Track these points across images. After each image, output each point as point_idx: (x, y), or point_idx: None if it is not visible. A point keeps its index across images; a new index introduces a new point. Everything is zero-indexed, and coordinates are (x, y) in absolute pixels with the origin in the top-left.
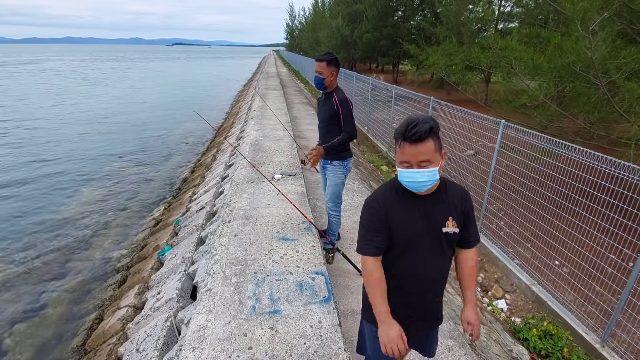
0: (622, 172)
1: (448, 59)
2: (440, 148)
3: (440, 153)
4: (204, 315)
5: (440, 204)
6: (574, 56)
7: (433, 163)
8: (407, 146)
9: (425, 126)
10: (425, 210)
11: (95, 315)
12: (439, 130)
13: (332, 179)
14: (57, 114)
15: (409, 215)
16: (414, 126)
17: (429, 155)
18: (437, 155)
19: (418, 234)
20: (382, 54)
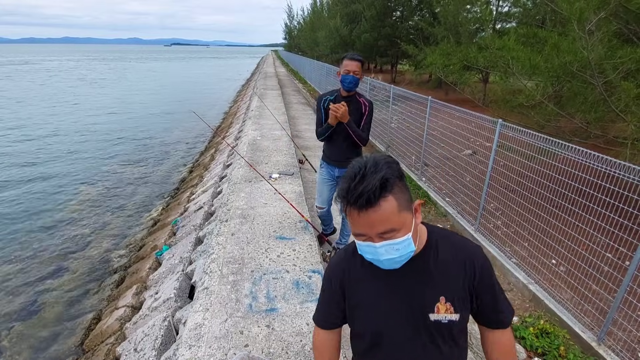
0: (618, 171)
1: (446, 58)
2: (407, 201)
3: (411, 208)
4: (200, 313)
5: (426, 277)
6: (571, 56)
7: (401, 230)
8: (355, 213)
9: (374, 180)
10: (400, 287)
11: (93, 315)
12: (401, 176)
13: None
14: (52, 115)
15: (374, 294)
16: (358, 182)
17: (391, 223)
18: (404, 217)
19: (390, 325)
20: (380, 54)
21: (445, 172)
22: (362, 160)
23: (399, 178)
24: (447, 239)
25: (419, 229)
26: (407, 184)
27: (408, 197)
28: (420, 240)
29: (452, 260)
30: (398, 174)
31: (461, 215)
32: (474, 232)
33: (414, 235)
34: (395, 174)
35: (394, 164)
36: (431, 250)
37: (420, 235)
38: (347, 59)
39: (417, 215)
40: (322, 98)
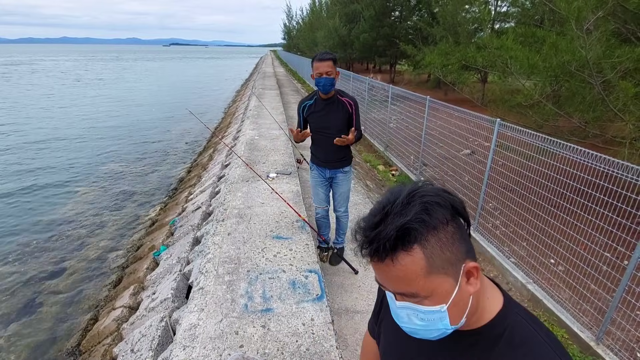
0: (616, 170)
1: (444, 58)
2: (448, 261)
3: (457, 271)
4: (195, 313)
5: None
6: (569, 55)
7: (431, 298)
8: (368, 259)
9: (394, 225)
10: (424, 351)
11: (90, 315)
12: (447, 220)
13: (345, 185)
14: (49, 117)
15: (393, 334)
16: (375, 224)
17: (412, 286)
18: (437, 282)
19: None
20: (379, 54)
21: (444, 172)
22: (393, 194)
23: (441, 225)
24: (527, 339)
25: (482, 299)
26: (463, 232)
27: (453, 255)
28: (480, 315)
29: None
30: (441, 220)
31: None
32: (473, 232)
33: (455, 308)
34: (435, 221)
35: (436, 206)
36: (489, 337)
37: (484, 308)
38: (317, 61)
39: (471, 282)
40: (301, 103)
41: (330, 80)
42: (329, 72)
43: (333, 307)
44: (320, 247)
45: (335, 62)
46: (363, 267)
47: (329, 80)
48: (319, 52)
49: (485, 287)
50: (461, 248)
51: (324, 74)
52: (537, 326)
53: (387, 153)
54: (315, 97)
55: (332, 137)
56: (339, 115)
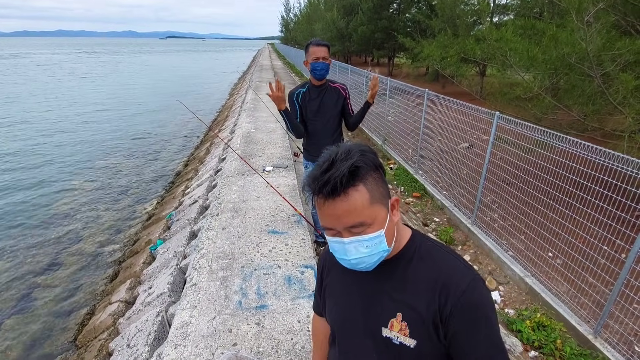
0: (615, 164)
1: (443, 51)
2: (382, 195)
3: (386, 203)
4: (188, 311)
5: (391, 284)
6: (569, 47)
7: (373, 225)
8: (321, 203)
9: (344, 167)
10: (365, 288)
11: (86, 310)
12: (376, 166)
13: None
14: (43, 111)
15: (339, 288)
16: (326, 169)
17: (360, 215)
18: (376, 210)
19: (345, 326)
20: (377, 46)
21: (442, 165)
22: (335, 149)
23: (373, 168)
24: (431, 251)
25: (399, 230)
26: (384, 177)
27: (384, 190)
28: (398, 243)
29: (426, 278)
30: (373, 164)
31: (457, 208)
32: (471, 225)
33: (387, 233)
34: (370, 163)
35: (369, 153)
36: (406, 257)
37: (400, 237)
38: (314, 45)
39: (394, 213)
40: (293, 92)
41: (327, 66)
42: (325, 58)
43: None
44: (317, 241)
45: (329, 48)
46: None
47: (325, 65)
48: (314, 39)
49: (399, 222)
50: (386, 187)
51: (320, 59)
52: (439, 243)
53: (385, 146)
54: (308, 85)
55: (328, 124)
56: (332, 101)
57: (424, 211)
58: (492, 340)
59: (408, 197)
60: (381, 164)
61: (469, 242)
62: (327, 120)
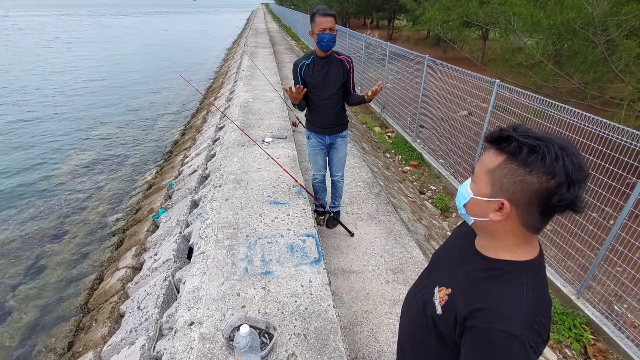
0: (610, 134)
1: (445, 14)
2: (499, 183)
3: (496, 189)
4: (198, 277)
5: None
6: (575, 12)
7: (475, 183)
8: (487, 149)
9: (521, 143)
10: (456, 248)
11: (95, 275)
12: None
13: (343, 149)
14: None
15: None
16: (503, 132)
17: (479, 168)
18: (485, 180)
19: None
20: (377, 8)
21: (440, 134)
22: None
23: (526, 169)
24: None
25: (502, 241)
26: (541, 202)
27: (508, 190)
28: (494, 249)
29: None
30: (535, 170)
31: (454, 177)
32: None
33: (474, 205)
34: (532, 165)
35: (556, 159)
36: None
37: (500, 247)
38: (320, 15)
39: (495, 212)
40: (297, 64)
41: (334, 37)
42: (332, 29)
43: (330, 268)
44: (317, 211)
45: (336, 18)
46: (358, 229)
47: (332, 37)
48: (320, 7)
49: (519, 243)
50: (518, 196)
51: (327, 30)
52: (527, 289)
53: (384, 115)
54: (313, 57)
55: (332, 97)
56: (337, 73)
57: (420, 179)
58: None
59: (405, 166)
60: (565, 195)
61: None
62: (331, 92)
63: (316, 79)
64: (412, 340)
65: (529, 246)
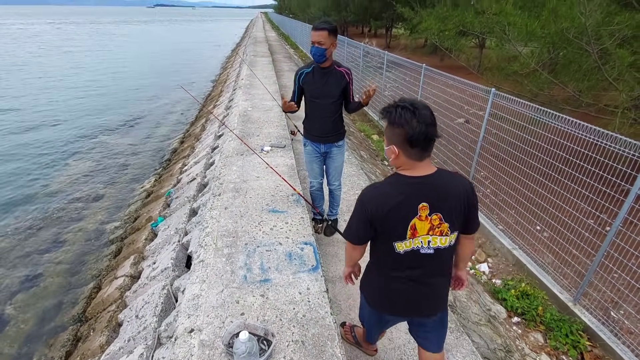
0: (604, 142)
1: (441, 23)
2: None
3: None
4: (197, 284)
5: None
6: (568, 22)
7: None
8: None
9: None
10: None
11: (93, 284)
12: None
13: (339, 159)
14: (30, 87)
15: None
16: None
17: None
18: None
19: None
20: (375, 17)
21: (438, 141)
22: (404, 99)
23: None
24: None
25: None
26: None
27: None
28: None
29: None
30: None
31: None
32: None
33: (387, 153)
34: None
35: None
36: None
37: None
38: (312, 29)
39: (393, 155)
40: (298, 71)
41: (322, 51)
42: (320, 42)
43: (327, 276)
44: (315, 219)
45: (331, 32)
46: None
47: (320, 50)
48: (319, 21)
49: (408, 167)
50: (396, 141)
51: (315, 43)
52: (384, 183)
53: (382, 122)
54: (314, 66)
55: (329, 107)
56: (336, 84)
57: None
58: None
59: None
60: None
61: None
62: (328, 102)
63: (314, 87)
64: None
65: (419, 169)
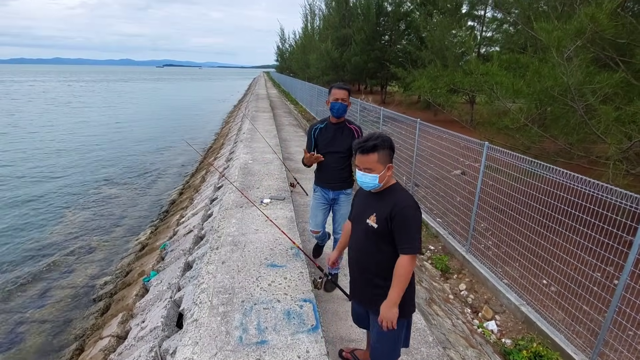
0: (600, 193)
1: (433, 82)
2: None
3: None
4: (190, 347)
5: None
6: (552, 81)
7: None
8: (359, 155)
9: (371, 143)
10: (366, 203)
11: (76, 346)
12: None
13: (346, 207)
14: (35, 140)
15: (360, 204)
16: (364, 141)
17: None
18: (379, 167)
19: (355, 220)
20: (370, 76)
21: (436, 193)
22: (372, 133)
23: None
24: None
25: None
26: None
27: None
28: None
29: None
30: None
31: (452, 236)
32: (465, 253)
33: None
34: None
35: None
36: (390, 189)
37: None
38: (335, 88)
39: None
40: (313, 126)
41: (344, 107)
42: (344, 100)
43: (328, 336)
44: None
45: (350, 92)
46: None
47: (342, 106)
48: (337, 83)
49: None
50: (389, 159)
51: (339, 99)
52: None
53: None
54: (327, 122)
55: (339, 160)
56: (346, 139)
57: None
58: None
59: None
60: (391, 147)
61: (464, 271)
62: (338, 155)
63: (326, 141)
64: (360, 250)
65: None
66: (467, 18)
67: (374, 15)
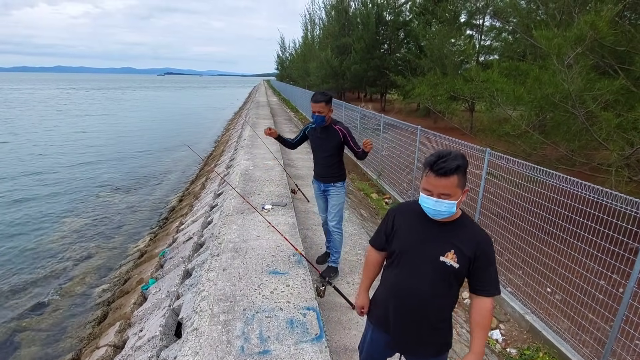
0: (604, 199)
1: (433, 89)
2: (462, 185)
3: (462, 189)
4: (189, 357)
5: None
6: (552, 88)
7: (453, 197)
8: (435, 177)
9: (455, 163)
10: (431, 234)
11: (72, 355)
12: (466, 167)
13: (336, 199)
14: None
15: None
16: (443, 159)
17: (451, 189)
18: (458, 191)
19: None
20: (370, 84)
21: None
22: (448, 150)
23: (464, 169)
24: (472, 223)
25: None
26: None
27: (464, 182)
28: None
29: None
30: (466, 166)
31: None
32: None
33: (457, 204)
34: (464, 166)
35: (465, 160)
36: (458, 221)
37: (458, 211)
38: (312, 102)
39: (463, 197)
40: (306, 125)
41: (322, 117)
42: (320, 111)
43: (332, 346)
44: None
45: (327, 102)
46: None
47: (320, 117)
48: (316, 93)
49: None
50: (465, 181)
51: (316, 112)
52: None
53: (380, 181)
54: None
55: (327, 157)
56: (331, 140)
57: None
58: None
59: None
60: (466, 166)
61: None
62: (326, 153)
63: (315, 140)
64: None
65: None
66: (466, 27)
67: (374, 24)
